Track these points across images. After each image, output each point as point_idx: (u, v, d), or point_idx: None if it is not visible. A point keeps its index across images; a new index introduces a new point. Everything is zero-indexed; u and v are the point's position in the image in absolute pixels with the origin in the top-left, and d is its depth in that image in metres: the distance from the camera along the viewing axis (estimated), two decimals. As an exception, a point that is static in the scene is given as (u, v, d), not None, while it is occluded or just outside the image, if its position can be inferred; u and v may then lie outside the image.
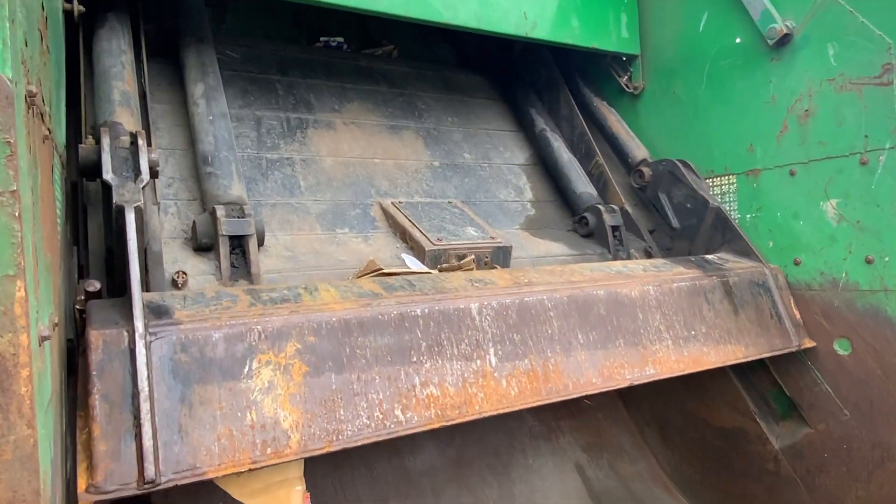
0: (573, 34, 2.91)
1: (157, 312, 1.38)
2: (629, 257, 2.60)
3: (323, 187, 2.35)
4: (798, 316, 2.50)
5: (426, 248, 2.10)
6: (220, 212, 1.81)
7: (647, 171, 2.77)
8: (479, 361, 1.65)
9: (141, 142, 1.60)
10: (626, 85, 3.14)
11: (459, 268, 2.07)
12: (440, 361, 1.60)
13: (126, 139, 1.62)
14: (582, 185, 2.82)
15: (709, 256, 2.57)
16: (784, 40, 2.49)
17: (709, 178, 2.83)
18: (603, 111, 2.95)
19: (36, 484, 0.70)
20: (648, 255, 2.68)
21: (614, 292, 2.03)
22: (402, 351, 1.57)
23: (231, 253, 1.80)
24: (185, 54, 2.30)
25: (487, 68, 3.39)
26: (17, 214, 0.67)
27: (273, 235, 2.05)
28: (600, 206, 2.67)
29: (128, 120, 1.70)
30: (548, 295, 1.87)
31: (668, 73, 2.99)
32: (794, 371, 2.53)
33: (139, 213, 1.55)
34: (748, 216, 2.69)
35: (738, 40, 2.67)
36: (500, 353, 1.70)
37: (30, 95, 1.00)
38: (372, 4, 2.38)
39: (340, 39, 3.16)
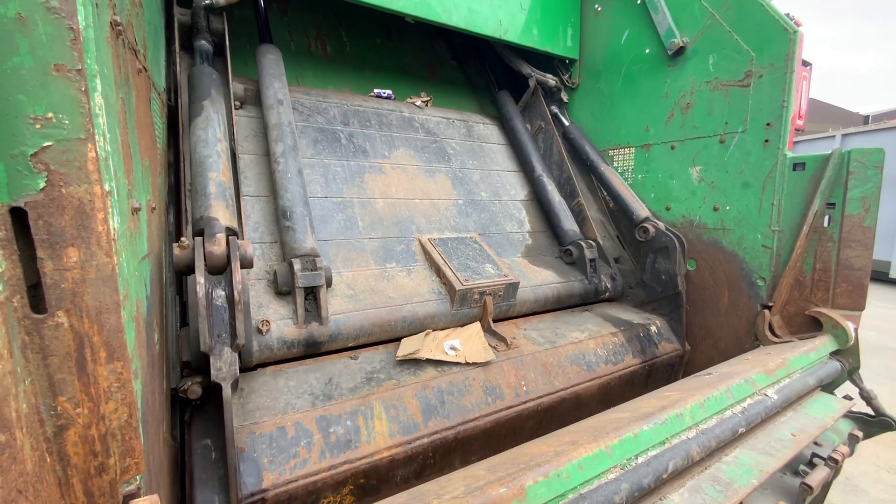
0: (534, 40, 2.68)
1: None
2: (600, 282, 2.35)
3: (376, 226, 2.00)
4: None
5: (457, 289, 1.80)
6: (297, 266, 1.53)
7: (651, 230, 2.32)
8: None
9: (234, 263, 1.22)
10: (567, 81, 2.94)
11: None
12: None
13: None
14: (569, 222, 2.48)
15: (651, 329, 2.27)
16: (679, 52, 2.30)
17: (616, 149, 2.71)
18: (608, 175, 2.57)
19: (116, 298, 0.63)
20: (613, 280, 2.42)
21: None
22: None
23: (305, 300, 1.54)
24: (267, 116, 1.93)
25: (500, 117, 2.98)
26: (83, 90, 0.56)
27: (338, 273, 1.76)
28: (582, 242, 2.36)
29: (223, 213, 1.35)
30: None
31: (596, 73, 2.78)
32: (657, 279, 2.52)
33: (236, 384, 1.27)
34: (639, 175, 2.58)
35: (647, 51, 2.47)
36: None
37: (115, 24, 0.86)
38: (389, 3, 2.15)
39: (389, 91, 2.72)
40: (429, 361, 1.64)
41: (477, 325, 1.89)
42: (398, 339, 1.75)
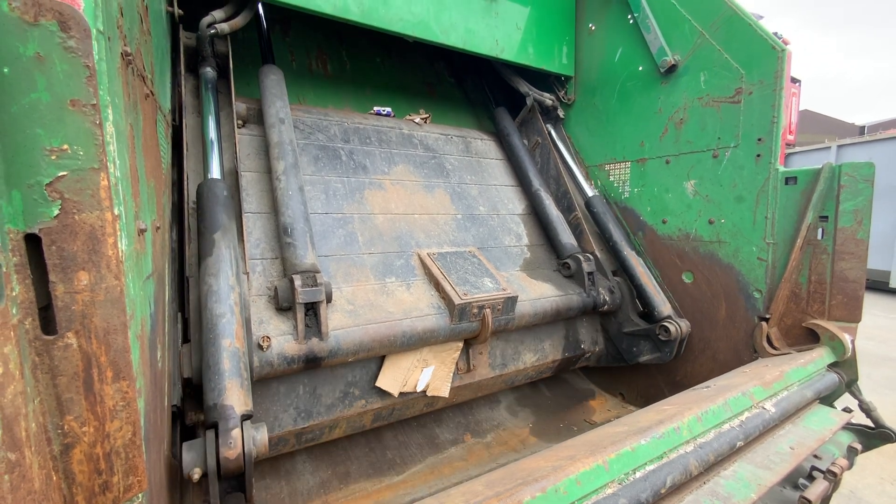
0: (530, 58, 2.74)
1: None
2: (598, 294, 2.35)
3: (376, 242, 2.04)
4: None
5: (456, 303, 1.82)
6: (298, 282, 1.53)
7: (674, 331, 2.18)
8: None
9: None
10: (563, 97, 3.00)
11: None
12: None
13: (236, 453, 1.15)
14: (566, 236, 2.48)
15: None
16: (671, 69, 2.35)
17: (611, 164, 2.75)
18: (632, 260, 2.40)
19: (123, 318, 0.66)
20: (611, 293, 2.40)
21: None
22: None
23: (305, 316, 1.54)
24: (269, 134, 1.95)
25: (497, 133, 3.01)
26: (97, 122, 0.59)
27: (338, 288, 1.77)
28: (580, 256, 2.37)
29: (237, 396, 1.24)
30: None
31: (591, 90, 2.84)
32: (655, 292, 2.53)
33: None
34: (636, 189, 2.62)
35: (640, 68, 2.53)
36: None
37: (125, 54, 0.90)
38: (388, 25, 2.21)
39: (389, 109, 2.76)
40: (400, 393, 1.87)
41: (458, 349, 1.99)
42: (395, 353, 1.80)
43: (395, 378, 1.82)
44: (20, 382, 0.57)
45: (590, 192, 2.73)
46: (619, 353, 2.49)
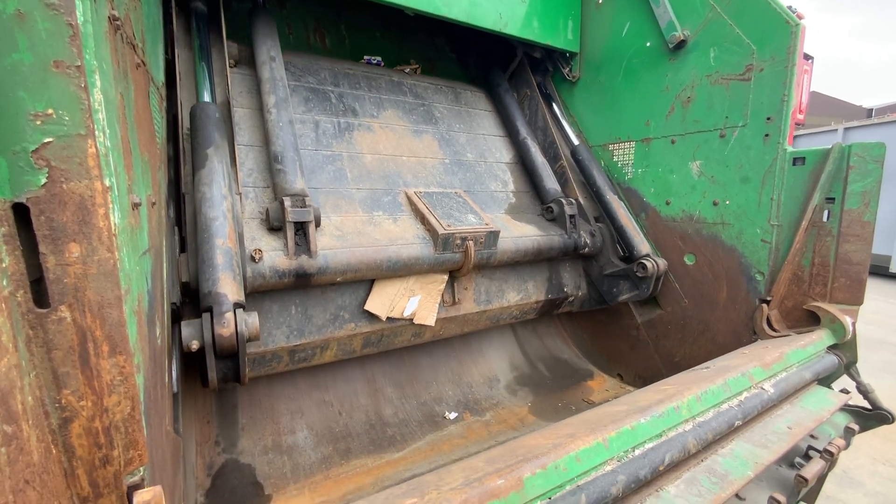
0: (534, 33, 2.66)
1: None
2: (580, 237, 2.43)
3: (364, 178, 2.11)
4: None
5: (440, 233, 1.90)
6: (287, 202, 1.63)
7: (650, 267, 2.26)
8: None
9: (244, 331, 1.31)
10: (568, 74, 2.92)
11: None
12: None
13: (229, 331, 1.28)
14: (550, 182, 2.57)
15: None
16: (680, 45, 2.28)
17: (616, 143, 2.70)
18: (614, 204, 2.48)
19: (118, 292, 0.64)
20: (592, 236, 2.48)
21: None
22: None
23: (295, 234, 1.63)
24: (260, 71, 2.01)
25: (487, 85, 3.03)
26: (82, 86, 0.56)
27: (327, 217, 1.86)
28: (562, 199, 2.45)
29: (230, 287, 1.35)
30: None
31: (597, 67, 2.77)
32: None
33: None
34: (640, 170, 2.58)
35: (648, 44, 2.46)
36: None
37: (113, 18, 0.86)
38: (389, -3, 2.14)
39: (379, 58, 2.80)
40: (388, 318, 1.93)
41: (443, 281, 2.05)
42: (382, 278, 1.89)
43: (383, 303, 1.89)
44: (14, 355, 0.56)
45: (576, 140, 2.80)
46: (601, 295, 2.59)
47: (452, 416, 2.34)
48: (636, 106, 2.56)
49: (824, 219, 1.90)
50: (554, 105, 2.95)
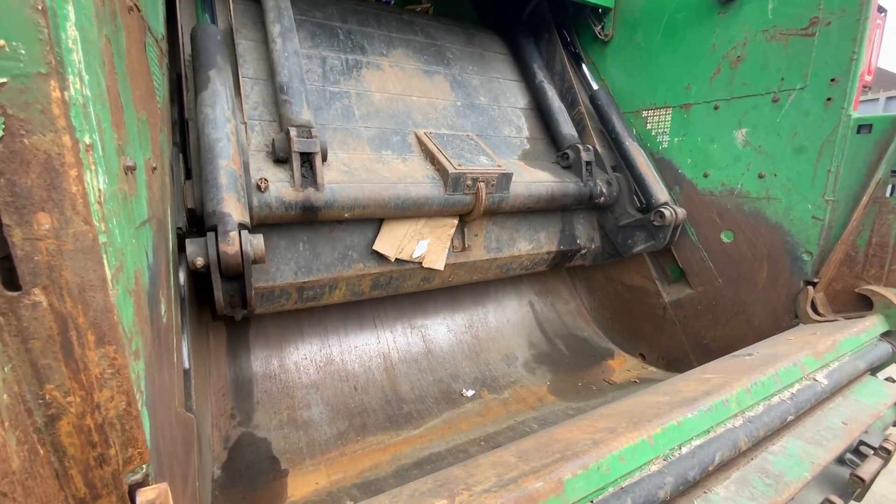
0: (565, -16, 2.42)
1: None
2: (595, 186, 2.33)
3: (372, 117, 2.03)
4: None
5: (450, 172, 1.81)
6: (293, 133, 1.58)
7: (668, 215, 2.17)
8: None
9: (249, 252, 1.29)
10: (599, 33, 2.67)
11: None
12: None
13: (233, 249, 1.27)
14: (567, 127, 2.44)
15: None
16: (733, -4, 2.04)
17: (650, 110, 2.49)
18: (633, 151, 2.35)
19: (101, 272, 0.54)
20: (608, 185, 2.38)
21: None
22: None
23: (301, 166, 1.58)
24: (265, 1, 1.91)
25: (501, 28, 2.85)
26: (39, 7, 0.44)
27: (334, 153, 1.80)
28: (579, 146, 2.33)
29: (235, 207, 1.33)
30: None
31: (633, 24, 2.52)
32: (689, 252, 2.37)
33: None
34: (676, 139, 2.38)
35: (694, -4, 2.20)
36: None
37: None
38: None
39: None
40: (396, 259, 1.88)
41: (453, 226, 1.98)
42: (391, 218, 1.84)
43: (392, 244, 1.85)
44: (-20, 347, 0.46)
45: (595, 85, 2.66)
46: (615, 247, 2.49)
47: (470, 393, 2.28)
48: (676, 68, 2.33)
49: (887, 194, 1.72)
50: (584, 66, 2.73)
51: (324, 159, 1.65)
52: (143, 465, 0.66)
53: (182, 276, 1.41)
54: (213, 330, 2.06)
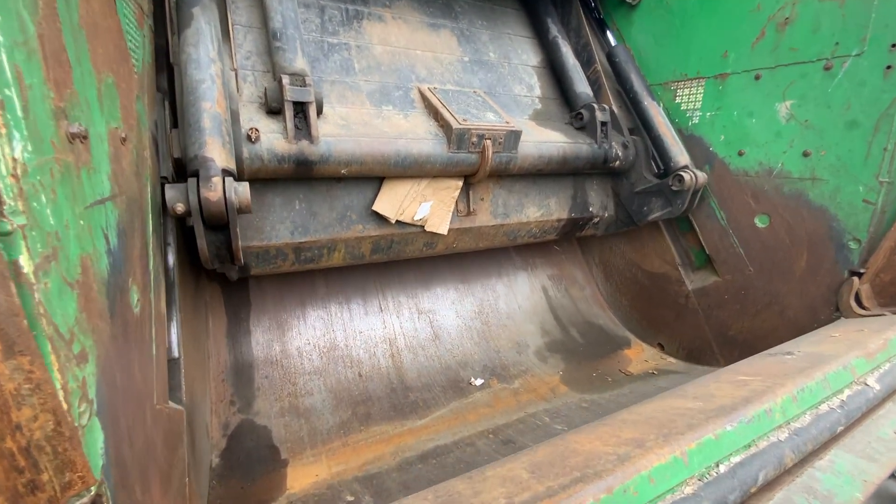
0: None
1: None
2: (611, 148, 2.17)
3: (373, 70, 1.90)
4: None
5: (454, 127, 1.69)
6: (286, 81, 1.47)
7: (688, 180, 2.02)
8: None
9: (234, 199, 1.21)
10: (627, -5, 2.44)
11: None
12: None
13: (216, 195, 1.18)
14: (582, 86, 2.28)
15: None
16: (783, -52, 1.80)
17: (680, 81, 2.27)
18: (652, 111, 2.19)
19: (3, 264, 0.42)
20: (625, 148, 2.22)
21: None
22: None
23: (295, 116, 1.48)
24: None
25: None
26: None
27: (331, 107, 1.68)
28: (594, 105, 2.16)
29: (219, 153, 1.24)
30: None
31: (665, -16, 2.28)
32: (717, 236, 2.20)
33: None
34: (708, 114, 2.17)
35: (738, -51, 1.96)
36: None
37: None
38: None
39: None
40: (397, 221, 1.78)
41: (457, 188, 1.86)
42: (391, 177, 1.74)
43: (392, 205, 1.75)
44: None
45: (613, 41, 2.49)
46: (629, 215, 2.35)
47: (478, 382, 2.19)
48: (712, 33, 2.10)
49: (954, 175, 1.52)
50: (608, 33, 2.50)
51: (319, 110, 1.56)
52: (91, 487, 0.56)
53: (171, 259, 1.31)
54: (213, 313, 1.98)
